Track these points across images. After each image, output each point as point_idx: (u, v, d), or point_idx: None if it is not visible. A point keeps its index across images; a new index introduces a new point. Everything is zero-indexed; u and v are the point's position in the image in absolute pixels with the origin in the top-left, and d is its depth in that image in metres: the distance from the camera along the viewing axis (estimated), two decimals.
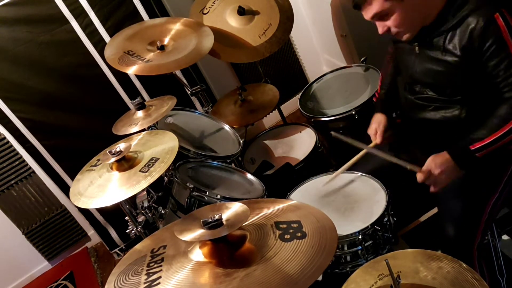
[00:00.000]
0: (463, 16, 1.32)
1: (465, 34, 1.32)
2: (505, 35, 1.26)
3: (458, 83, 1.42)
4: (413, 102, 1.57)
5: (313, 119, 2.31)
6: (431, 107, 1.51)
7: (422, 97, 1.53)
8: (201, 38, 2.23)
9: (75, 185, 1.64)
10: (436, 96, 1.48)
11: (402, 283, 1.08)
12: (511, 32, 1.26)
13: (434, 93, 1.48)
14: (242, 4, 2.43)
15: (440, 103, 1.48)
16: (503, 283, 1.70)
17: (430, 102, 1.51)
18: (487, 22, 1.27)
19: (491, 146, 1.32)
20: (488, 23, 1.27)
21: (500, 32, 1.27)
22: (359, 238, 1.55)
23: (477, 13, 1.30)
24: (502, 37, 1.27)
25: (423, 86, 1.52)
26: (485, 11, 1.29)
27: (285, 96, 3.24)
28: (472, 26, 1.30)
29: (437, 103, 1.49)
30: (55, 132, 2.74)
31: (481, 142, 1.33)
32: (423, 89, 1.52)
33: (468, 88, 1.41)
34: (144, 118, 1.91)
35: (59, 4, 2.52)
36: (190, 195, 1.75)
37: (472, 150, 1.34)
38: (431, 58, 1.43)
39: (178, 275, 1.00)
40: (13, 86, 2.58)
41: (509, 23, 1.27)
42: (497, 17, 1.27)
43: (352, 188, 1.76)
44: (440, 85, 1.46)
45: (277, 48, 2.43)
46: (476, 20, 1.29)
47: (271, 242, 1.04)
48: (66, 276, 3.08)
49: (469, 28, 1.31)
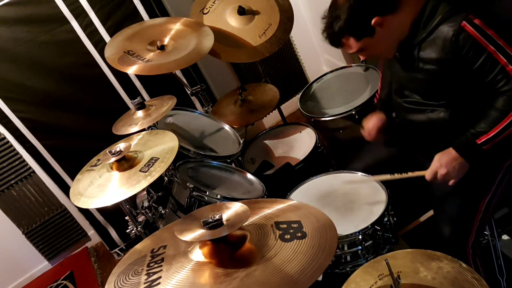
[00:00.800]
0: (432, 27, 1.35)
1: (438, 45, 1.35)
2: (479, 39, 1.28)
3: (440, 89, 1.45)
4: (402, 105, 1.60)
5: (313, 119, 2.31)
6: (418, 110, 1.54)
7: (410, 101, 1.56)
8: (201, 38, 2.23)
9: (75, 185, 1.64)
10: (422, 100, 1.51)
11: (402, 283, 1.09)
12: (483, 34, 1.28)
13: (420, 98, 1.52)
14: (242, 4, 2.43)
15: (426, 106, 1.51)
16: (503, 283, 1.71)
17: (417, 105, 1.54)
18: (457, 32, 1.29)
19: (496, 138, 1.34)
20: (458, 33, 1.29)
21: (473, 38, 1.28)
22: (359, 238, 1.56)
23: (446, 24, 1.32)
24: (476, 41, 1.28)
25: (410, 91, 1.55)
26: (453, 20, 1.31)
27: (285, 96, 3.24)
28: (444, 38, 1.33)
29: (423, 106, 1.52)
30: (55, 132, 2.74)
31: (486, 135, 1.35)
32: (410, 93, 1.55)
33: (451, 92, 1.44)
34: (144, 118, 1.91)
35: (59, 4, 2.52)
36: (190, 195, 1.75)
37: (478, 144, 1.36)
38: (411, 67, 1.47)
39: (178, 275, 1.00)
40: (13, 86, 2.58)
41: (479, 26, 1.28)
42: (464, 25, 1.29)
43: (352, 188, 1.76)
44: (425, 90, 1.50)
45: (277, 48, 2.43)
46: (446, 32, 1.32)
47: (271, 242, 1.04)
48: (66, 276, 3.08)
49: (441, 40, 1.34)
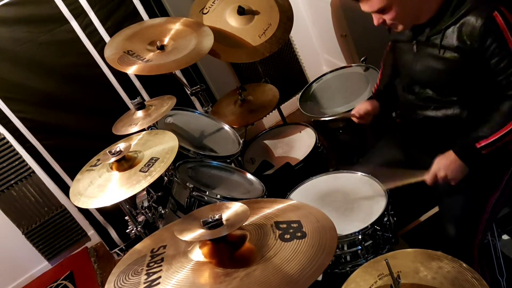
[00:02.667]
0: (461, 14, 1.32)
1: (464, 33, 1.32)
2: (505, 33, 1.26)
3: (457, 81, 1.41)
4: (413, 103, 1.56)
5: (313, 119, 2.31)
6: (431, 107, 1.51)
7: (423, 97, 1.52)
8: (201, 38, 2.23)
9: (75, 185, 1.64)
10: (436, 96, 1.48)
11: (402, 283, 1.08)
12: (511, 30, 1.26)
13: (433, 93, 1.48)
14: (242, 4, 2.43)
15: (440, 103, 1.48)
16: (503, 283, 1.71)
17: (430, 102, 1.50)
18: (486, 21, 1.27)
19: (497, 143, 1.32)
20: (487, 22, 1.27)
21: (500, 31, 1.26)
22: (359, 238, 1.55)
23: (476, 11, 1.29)
24: (502, 35, 1.26)
25: (422, 86, 1.51)
26: (484, 9, 1.28)
27: (285, 96, 3.24)
28: (471, 25, 1.30)
29: (437, 103, 1.49)
30: (55, 132, 2.74)
31: (486, 140, 1.33)
32: (422, 89, 1.52)
33: (467, 87, 1.41)
34: (144, 118, 1.91)
35: (59, 4, 2.52)
36: (190, 195, 1.75)
37: (478, 148, 1.34)
38: (430, 56, 1.43)
39: (178, 275, 1.00)
40: (13, 86, 2.58)
41: (509, 21, 1.26)
42: (495, 15, 1.26)
43: (352, 188, 1.76)
44: (439, 83, 1.46)
45: (277, 48, 2.43)
46: (475, 19, 1.29)
47: (271, 242, 1.03)
48: (66, 276, 3.08)
49: (468, 27, 1.30)
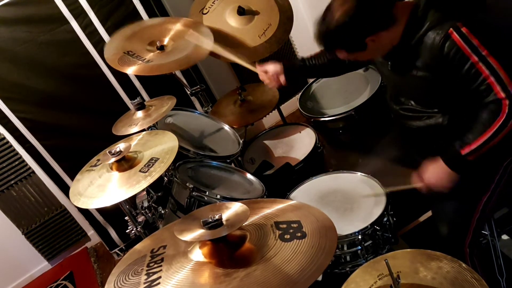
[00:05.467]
0: (420, 35, 1.36)
1: (426, 52, 1.36)
2: (462, 47, 1.29)
3: (435, 95, 1.46)
4: (398, 112, 1.61)
5: (313, 119, 2.31)
6: (415, 117, 1.55)
7: (406, 108, 1.57)
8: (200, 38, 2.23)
9: (75, 185, 1.64)
10: (418, 107, 1.52)
11: (402, 283, 1.09)
12: (468, 43, 1.29)
13: (416, 104, 1.53)
14: (242, 4, 2.43)
15: (422, 113, 1.52)
16: (503, 283, 1.71)
17: (413, 112, 1.55)
18: (443, 39, 1.31)
19: (480, 150, 1.34)
20: (444, 40, 1.31)
21: (457, 46, 1.30)
22: (359, 238, 1.56)
23: (433, 31, 1.34)
24: (460, 49, 1.30)
25: (407, 97, 1.56)
26: (440, 28, 1.32)
27: (284, 96, 3.24)
28: (430, 45, 1.34)
29: (419, 113, 1.53)
30: (55, 132, 2.74)
31: (469, 147, 1.35)
32: (407, 99, 1.56)
33: (446, 99, 1.45)
34: (144, 118, 1.91)
35: (58, 4, 2.52)
36: (190, 195, 1.75)
37: (463, 155, 1.36)
38: (403, 74, 1.48)
39: (178, 275, 1.00)
40: (13, 86, 2.58)
41: (465, 35, 1.29)
42: (451, 32, 1.30)
43: (352, 188, 1.76)
44: (419, 97, 1.51)
45: (276, 48, 2.43)
46: (433, 39, 1.33)
47: (271, 242, 1.04)
48: (66, 276, 3.08)
49: (428, 47, 1.35)
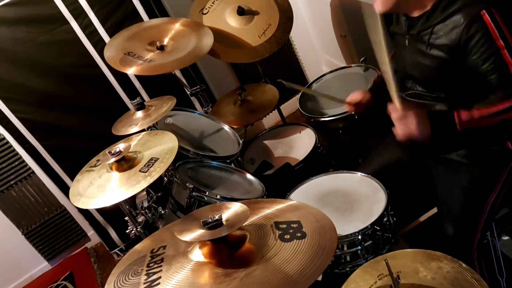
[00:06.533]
0: (450, 12, 1.33)
1: (451, 31, 1.33)
2: (492, 30, 1.26)
3: (445, 79, 1.42)
4: (403, 99, 1.57)
5: (312, 119, 2.30)
6: (419, 104, 1.52)
7: (411, 94, 1.54)
8: (200, 38, 2.23)
9: (74, 186, 1.64)
10: (424, 92, 1.50)
11: (402, 283, 1.09)
12: (498, 28, 1.25)
13: (423, 89, 1.50)
14: (241, 4, 2.43)
15: (428, 99, 1.49)
16: (502, 283, 1.71)
17: (419, 98, 1.52)
18: (472, 19, 1.27)
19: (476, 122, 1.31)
20: (472, 20, 1.27)
21: (486, 28, 1.26)
22: (359, 238, 1.55)
23: (464, 10, 1.30)
24: (488, 31, 1.26)
25: (414, 81, 1.53)
26: (473, 8, 1.29)
27: (284, 96, 3.24)
28: (458, 24, 1.30)
29: (425, 100, 1.50)
30: (54, 132, 2.74)
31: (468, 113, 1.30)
32: (413, 84, 1.53)
33: (454, 84, 1.41)
34: (143, 119, 1.91)
35: (58, 4, 2.52)
36: (190, 195, 1.75)
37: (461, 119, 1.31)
38: (419, 51, 1.44)
39: (178, 275, 1.00)
40: (13, 86, 2.58)
41: (496, 20, 1.26)
42: (483, 14, 1.26)
43: (352, 188, 1.76)
44: (427, 79, 1.47)
45: (276, 48, 2.43)
46: (462, 18, 1.30)
47: (271, 242, 1.04)
48: (66, 277, 3.08)
49: (454, 26, 1.31)
